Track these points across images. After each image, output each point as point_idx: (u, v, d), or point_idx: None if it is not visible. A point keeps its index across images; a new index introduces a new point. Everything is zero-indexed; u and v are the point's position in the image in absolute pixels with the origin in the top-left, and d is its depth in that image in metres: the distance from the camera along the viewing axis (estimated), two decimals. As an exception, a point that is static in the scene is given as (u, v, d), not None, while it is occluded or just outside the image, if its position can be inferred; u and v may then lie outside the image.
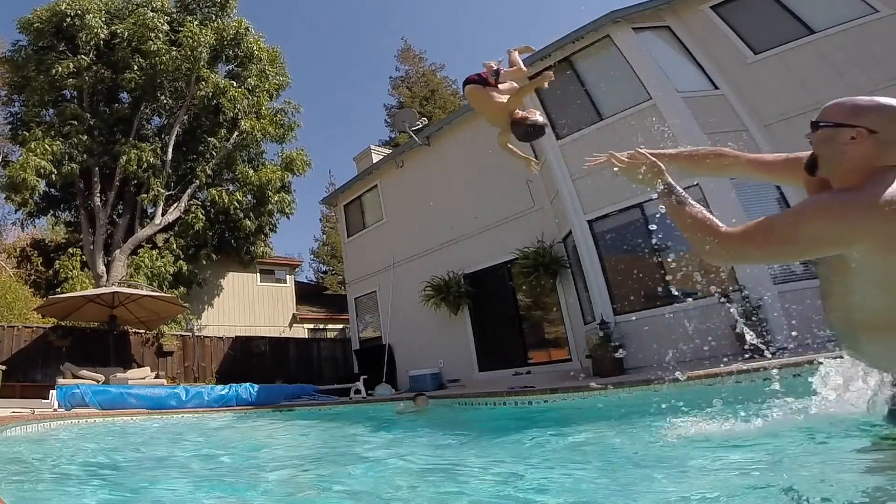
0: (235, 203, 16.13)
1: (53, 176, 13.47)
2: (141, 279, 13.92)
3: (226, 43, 15.76)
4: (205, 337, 14.57)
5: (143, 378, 10.27)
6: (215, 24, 15.73)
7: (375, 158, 14.28)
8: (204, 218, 15.96)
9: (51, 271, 14.94)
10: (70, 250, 15.15)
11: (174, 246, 15.63)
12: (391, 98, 31.61)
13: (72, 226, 17.07)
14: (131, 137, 15.15)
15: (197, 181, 16.15)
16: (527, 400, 5.88)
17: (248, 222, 16.64)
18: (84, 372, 9.64)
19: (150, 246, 15.40)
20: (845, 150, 1.37)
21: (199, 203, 16.48)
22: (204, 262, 16.72)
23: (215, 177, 16.83)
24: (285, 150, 17.86)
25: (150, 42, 14.21)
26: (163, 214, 15.58)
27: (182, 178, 16.46)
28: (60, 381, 8.76)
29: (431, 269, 11.18)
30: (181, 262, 15.55)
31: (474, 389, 7.88)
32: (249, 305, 19.55)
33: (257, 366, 14.24)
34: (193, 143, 16.87)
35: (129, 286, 12.81)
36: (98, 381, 9.28)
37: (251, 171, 16.92)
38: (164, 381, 10.77)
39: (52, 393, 7.40)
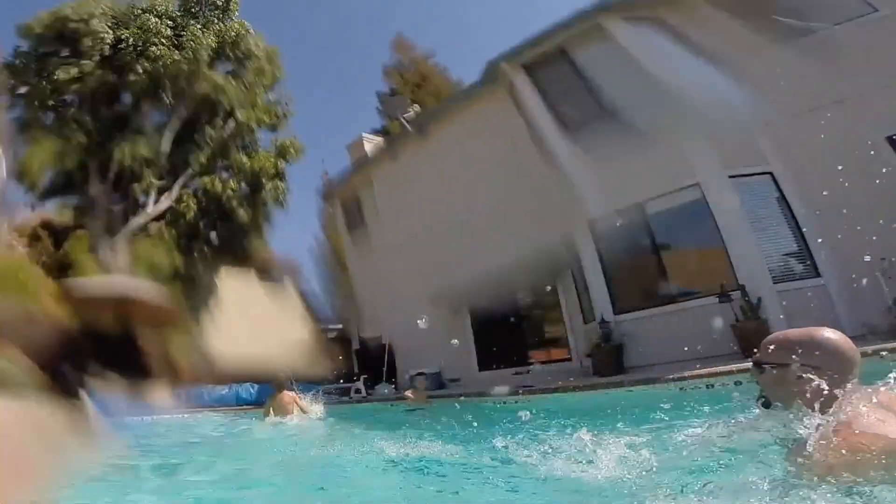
0: (229, 191, 16.22)
1: (54, 169, 13.95)
2: (141, 270, 14.11)
3: (226, 45, 15.96)
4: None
5: (143, 377, 10.28)
6: (217, 28, 15.92)
7: (367, 146, 14.11)
8: (195, 207, 16.14)
9: (61, 252, 15.48)
10: (78, 232, 15.69)
11: (166, 236, 15.84)
12: (383, 85, 31.27)
13: (78, 210, 17.39)
14: (127, 131, 15.36)
15: (190, 169, 16.37)
16: (526, 399, 5.89)
17: (242, 212, 16.64)
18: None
19: (144, 234, 15.73)
20: (794, 392, 1.41)
21: (191, 192, 16.69)
22: (196, 255, 16.67)
23: (209, 165, 16.98)
24: (278, 137, 18.04)
25: (155, 47, 14.44)
26: (154, 203, 15.90)
27: (175, 167, 16.62)
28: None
29: (431, 268, 11.17)
30: (175, 253, 15.67)
31: (474, 389, 7.89)
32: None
33: (257, 365, 14.23)
34: (189, 132, 16.98)
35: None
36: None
37: (245, 158, 17.04)
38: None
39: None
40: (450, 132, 11.54)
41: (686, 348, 6.67)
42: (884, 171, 6.28)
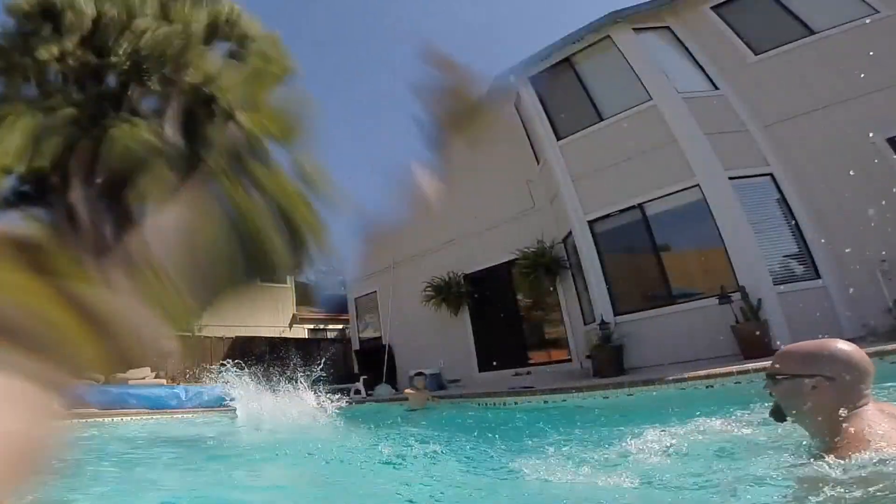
0: (254, 204, 15.90)
1: (25, 164, 13.13)
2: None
3: (219, 24, 15.60)
4: (205, 337, 14.57)
5: (143, 378, 10.28)
6: (208, 9, 15.58)
7: None
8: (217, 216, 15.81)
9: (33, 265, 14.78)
10: (49, 249, 15.00)
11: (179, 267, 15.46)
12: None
13: (50, 226, 16.87)
14: (122, 111, 14.91)
15: (203, 167, 15.94)
16: (526, 400, 5.88)
17: (275, 237, 16.31)
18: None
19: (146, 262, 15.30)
20: (808, 400, 1.43)
21: (213, 197, 16.35)
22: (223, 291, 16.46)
23: (227, 166, 16.61)
24: (297, 157, 17.56)
25: (140, 20, 14.02)
26: (161, 210, 15.46)
27: (187, 161, 16.23)
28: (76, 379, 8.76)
29: (431, 269, 11.17)
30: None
31: (474, 389, 7.88)
32: (249, 306, 19.54)
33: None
34: (192, 126, 16.66)
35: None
36: (97, 381, 9.28)
37: (260, 168, 16.67)
38: (163, 381, 10.77)
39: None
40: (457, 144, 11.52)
41: (686, 349, 6.68)
42: (884, 171, 6.29)
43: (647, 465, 1.99)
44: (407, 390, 7.26)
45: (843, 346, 1.46)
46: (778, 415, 1.55)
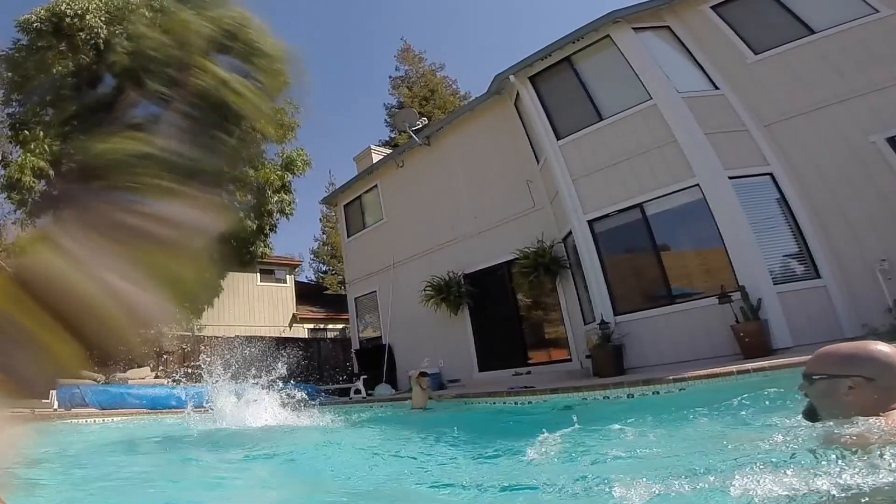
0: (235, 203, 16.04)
1: (51, 177, 13.39)
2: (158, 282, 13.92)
3: (223, 33, 15.60)
4: (205, 337, 14.58)
5: (143, 378, 10.28)
6: (210, 15, 15.58)
7: (375, 158, 14.27)
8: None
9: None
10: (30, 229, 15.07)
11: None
12: (391, 98, 31.59)
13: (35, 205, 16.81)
14: (115, 123, 14.94)
15: (203, 175, 15.99)
16: (526, 400, 5.89)
17: (249, 222, 16.57)
18: (84, 372, 9.64)
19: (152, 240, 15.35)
20: (846, 401, 1.43)
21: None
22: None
23: (231, 175, 16.67)
24: (285, 149, 17.73)
25: (133, 26, 14.03)
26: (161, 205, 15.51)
27: (190, 172, 16.29)
28: (60, 380, 8.77)
29: (431, 269, 11.18)
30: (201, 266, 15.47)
31: (474, 389, 7.89)
32: (249, 305, 19.55)
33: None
34: (196, 133, 16.72)
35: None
36: (97, 382, 9.28)
37: (251, 171, 16.84)
38: (164, 381, 10.77)
39: (53, 393, 7.41)
40: (454, 140, 11.63)
41: (686, 349, 6.68)
42: (884, 172, 6.29)
43: (655, 462, 1.99)
44: (411, 373, 7.13)
45: (883, 347, 1.46)
46: (811, 415, 1.55)
